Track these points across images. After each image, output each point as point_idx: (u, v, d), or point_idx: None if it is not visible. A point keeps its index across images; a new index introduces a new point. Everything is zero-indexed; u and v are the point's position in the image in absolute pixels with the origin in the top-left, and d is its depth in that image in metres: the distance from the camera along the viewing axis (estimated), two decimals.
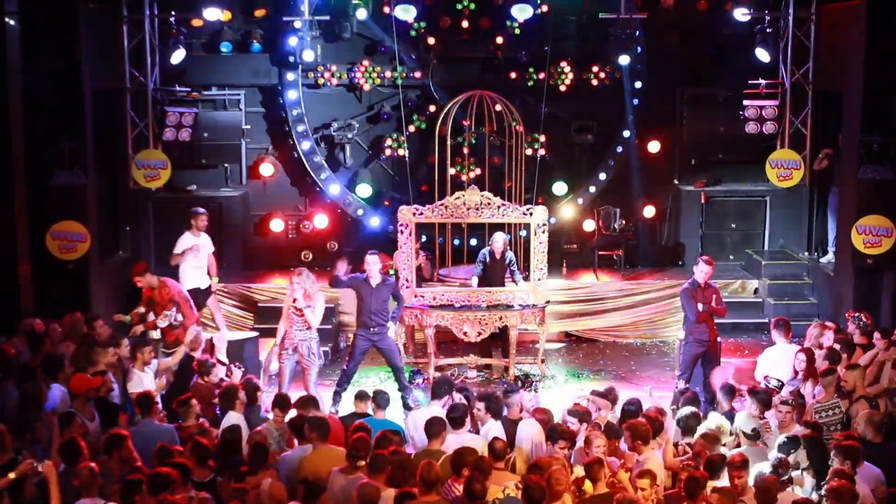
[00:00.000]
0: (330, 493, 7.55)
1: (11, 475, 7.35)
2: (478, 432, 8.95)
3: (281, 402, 9.28)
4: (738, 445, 8.61)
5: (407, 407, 11.55)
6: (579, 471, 7.81)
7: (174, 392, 10.12)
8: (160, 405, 9.49)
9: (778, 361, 10.82)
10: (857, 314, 11.21)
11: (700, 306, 11.41)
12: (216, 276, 13.41)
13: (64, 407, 8.94)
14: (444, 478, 7.46)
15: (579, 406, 9.09)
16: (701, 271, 11.57)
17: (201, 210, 13.24)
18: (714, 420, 8.96)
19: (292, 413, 9.07)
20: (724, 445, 8.56)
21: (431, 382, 9.88)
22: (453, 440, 8.36)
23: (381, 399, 9.35)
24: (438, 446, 8.26)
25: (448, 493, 7.39)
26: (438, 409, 9.20)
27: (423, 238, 14.60)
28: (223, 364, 10.98)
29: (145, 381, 10.01)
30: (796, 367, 10.40)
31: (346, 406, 10.98)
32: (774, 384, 9.87)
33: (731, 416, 9.28)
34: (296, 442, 8.60)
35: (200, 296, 12.86)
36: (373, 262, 11.77)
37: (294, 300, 11.15)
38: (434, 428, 8.37)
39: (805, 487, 7.69)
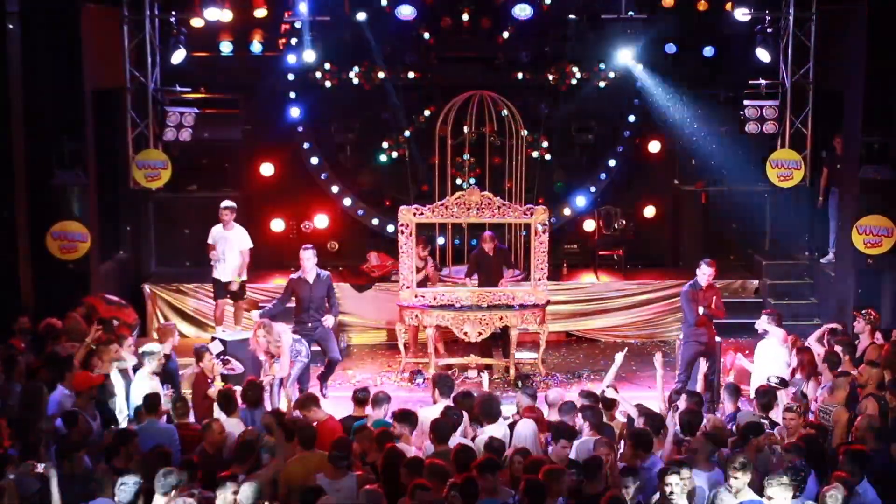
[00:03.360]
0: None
1: (12, 476, 7.35)
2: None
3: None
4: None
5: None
6: None
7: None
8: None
9: (777, 356, 10.87)
10: (864, 311, 11.23)
11: (701, 310, 11.41)
12: (238, 276, 13.25)
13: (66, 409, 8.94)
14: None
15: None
16: (703, 273, 11.56)
17: (224, 204, 13.23)
18: None
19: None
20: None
21: (433, 381, 9.84)
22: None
23: (378, 400, 9.31)
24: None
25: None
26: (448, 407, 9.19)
27: (425, 235, 14.49)
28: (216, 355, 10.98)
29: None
30: (794, 365, 10.39)
31: None
32: (775, 381, 9.85)
33: (734, 416, 9.27)
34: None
35: (219, 287, 13.21)
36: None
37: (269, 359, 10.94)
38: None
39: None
